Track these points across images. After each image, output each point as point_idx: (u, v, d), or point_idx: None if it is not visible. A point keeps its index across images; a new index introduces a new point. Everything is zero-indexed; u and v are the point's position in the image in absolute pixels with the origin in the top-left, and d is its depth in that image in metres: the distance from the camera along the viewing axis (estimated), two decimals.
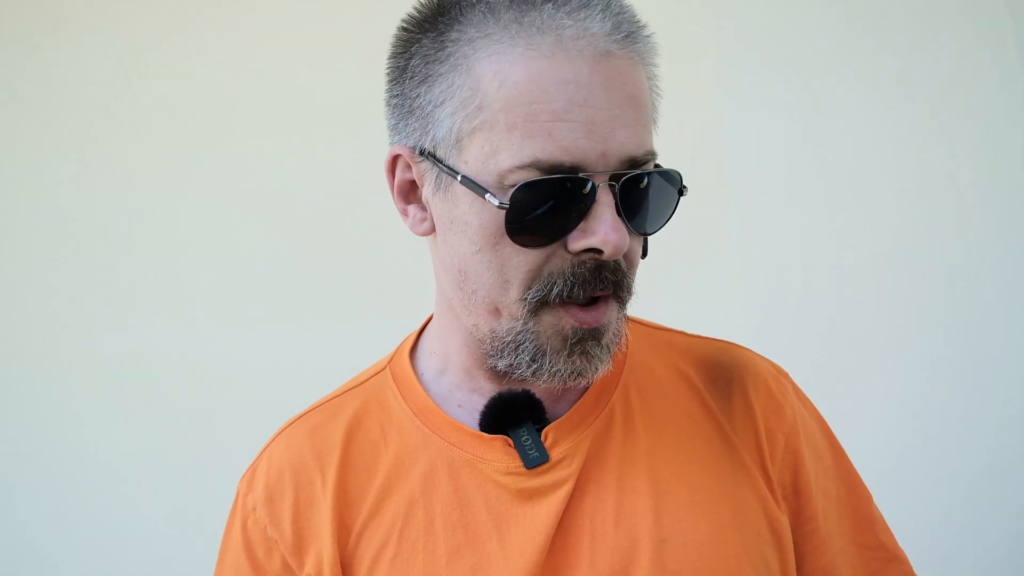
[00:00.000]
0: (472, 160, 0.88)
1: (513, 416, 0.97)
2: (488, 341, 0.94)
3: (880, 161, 2.00)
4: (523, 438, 0.96)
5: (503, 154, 0.86)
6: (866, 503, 1.09)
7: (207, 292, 2.07)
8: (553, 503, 0.95)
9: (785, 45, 2.01)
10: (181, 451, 2.04)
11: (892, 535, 1.10)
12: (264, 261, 2.08)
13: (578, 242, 0.88)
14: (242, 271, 2.08)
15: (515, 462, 0.96)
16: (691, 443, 1.00)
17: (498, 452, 0.97)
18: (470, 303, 0.93)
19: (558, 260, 0.89)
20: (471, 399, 1.00)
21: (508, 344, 0.92)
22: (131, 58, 2.08)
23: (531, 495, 0.95)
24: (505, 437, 0.97)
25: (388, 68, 0.96)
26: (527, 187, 0.86)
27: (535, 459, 0.96)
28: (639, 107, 0.89)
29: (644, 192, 0.90)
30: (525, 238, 0.88)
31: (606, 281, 0.90)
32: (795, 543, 1.03)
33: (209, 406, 2.05)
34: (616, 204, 0.87)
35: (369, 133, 1.19)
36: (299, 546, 0.99)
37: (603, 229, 0.87)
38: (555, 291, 0.89)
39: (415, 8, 0.94)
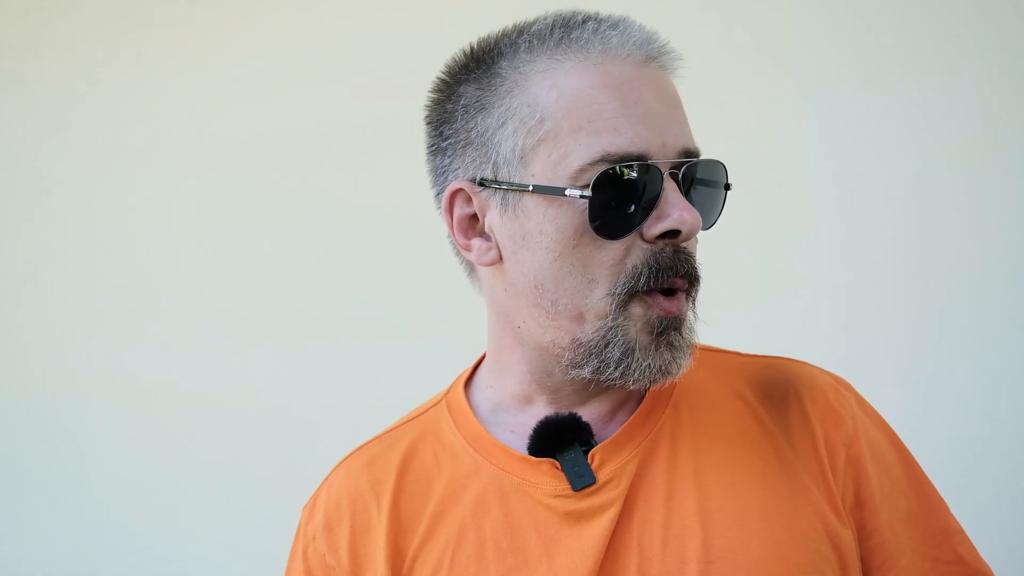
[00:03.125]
0: (540, 171, 0.94)
1: (560, 439, 0.99)
2: (570, 352, 0.96)
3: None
4: (570, 460, 0.97)
5: (572, 156, 0.92)
6: (941, 515, 1.05)
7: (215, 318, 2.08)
8: (601, 525, 0.95)
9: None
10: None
11: (973, 548, 1.06)
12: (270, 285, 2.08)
13: (654, 228, 0.93)
14: (249, 296, 2.07)
15: (562, 485, 0.97)
16: (744, 460, 0.99)
17: (545, 475, 0.98)
18: (548, 317, 0.96)
19: (638, 251, 0.94)
20: (526, 424, 1.02)
21: (595, 346, 0.95)
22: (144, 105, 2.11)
23: (579, 517, 0.96)
24: (552, 460, 0.98)
25: (432, 116, 1.02)
26: (605, 176, 0.91)
27: (582, 481, 0.96)
28: (681, 107, 0.97)
29: (699, 185, 0.95)
30: (607, 228, 0.92)
31: (685, 265, 0.95)
32: (861, 558, 1.00)
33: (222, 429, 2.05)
34: (680, 191, 0.93)
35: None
36: (355, 572, 1.01)
37: (676, 210, 0.92)
38: (642, 281, 0.93)
39: (452, 59, 1.02)
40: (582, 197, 0.91)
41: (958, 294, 1.89)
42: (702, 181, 0.96)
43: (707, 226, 0.98)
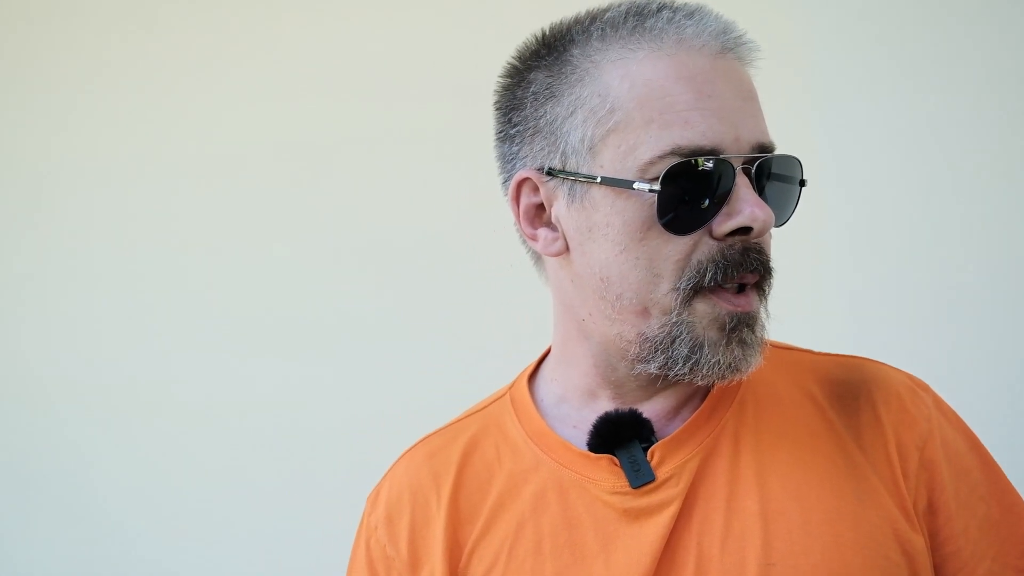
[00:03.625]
0: (608, 162, 0.92)
1: (620, 435, 0.97)
2: (636, 346, 0.95)
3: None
4: (629, 457, 0.96)
5: (642, 147, 0.90)
6: None
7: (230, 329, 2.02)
8: (659, 524, 0.94)
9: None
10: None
11: None
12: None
13: (724, 224, 0.91)
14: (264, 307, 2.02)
15: (621, 481, 0.96)
16: (810, 462, 0.96)
17: (604, 472, 0.97)
18: (614, 310, 0.95)
19: (705, 248, 0.91)
20: (588, 419, 1.00)
21: (661, 342, 0.93)
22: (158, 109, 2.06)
23: (637, 515, 0.95)
24: (611, 456, 0.97)
25: (502, 102, 1.01)
26: (675, 169, 0.89)
27: (641, 478, 0.95)
28: (756, 100, 0.94)
29: (772, 180, 0.93)
30: (675, 222, 0.90)
31: (755, 262, 0.92)
32: (935, 566, 0.96)
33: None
34: (753, 187, 0.91)
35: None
36: (414, 564, 1.02)
37: (748, 207, 0.90)
38: (708, 277, 0.91)
39: (523, 44, 1.00)
40: (651, 191, 0.89)
41: (966, 298, 1.81)
42: (777, 176, 0.94)
43: (780, 223, 0.96)
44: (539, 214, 0.99)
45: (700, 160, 0.89)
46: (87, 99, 2.06)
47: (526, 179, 0.98)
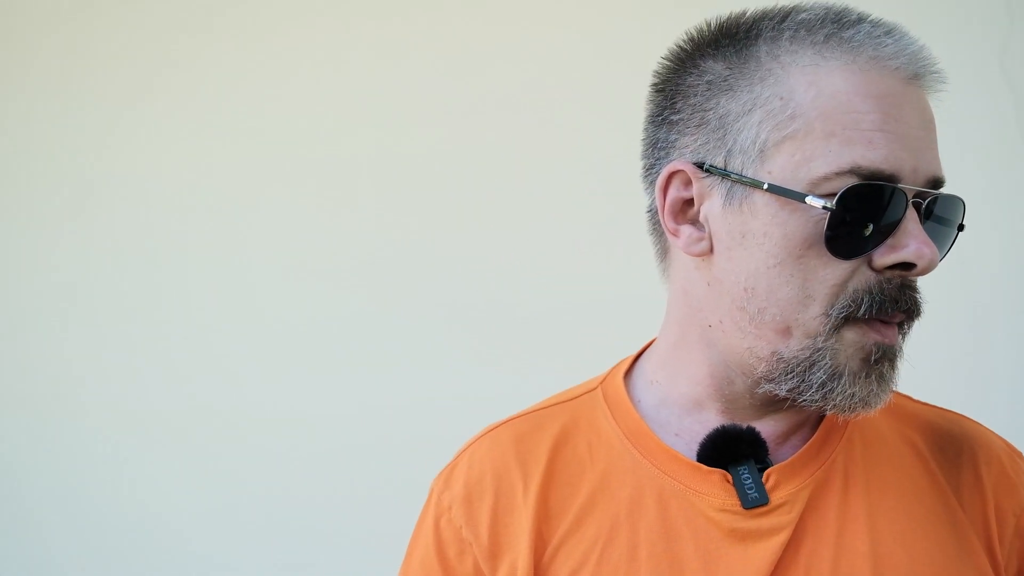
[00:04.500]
0: (779, 169, 0.87)
1: (735, 451, 0.93)
2: (766, 364, 0.90)
3: None
4: (743, 475, 0.92)
5: (818, 161, 0.85)
6: None
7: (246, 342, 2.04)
8: (769, 549, 0.90)
9: None
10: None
11: None
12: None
13: (887, 257, 0.86)
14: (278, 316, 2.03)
15: (732, 499, 0.91)
16: (915, 510, 0.94)
17: (714, 486, 0.92)
18: (751, 323, 0.90)
19: (862, 277, 0.87)
20: (692, 429, 0.96)
21: (798, 365, 0.88)
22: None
23: (744, 537, 0.90)
24: (724, 472, 0.93)
25: (666, 86, 0.96)
26: (854, 190, 0.84)
27: (754, 500, 0.91)
28: (935, 133, 0.90)
29: (934, 220, 0.89)
30: (839, 245, 0.85)
31: (910, 301, 0.88)
32: None
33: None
34: (921, 221, 0.87)
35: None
36: (494, 552, 0.95)
37: (915, 243, 0.86)
38: (863, 308, 0.87)
39: (695, 30, 0.95)
40: (824, 208, 0.85)
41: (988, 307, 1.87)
42: (938, 217, 0.90)
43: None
44: (685, 209, 0.94)
45: (879, 186, 0.85)
46: (136, 109, 2.04)
47: (679, 171, 0.93)
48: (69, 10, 2.04)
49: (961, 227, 0.93)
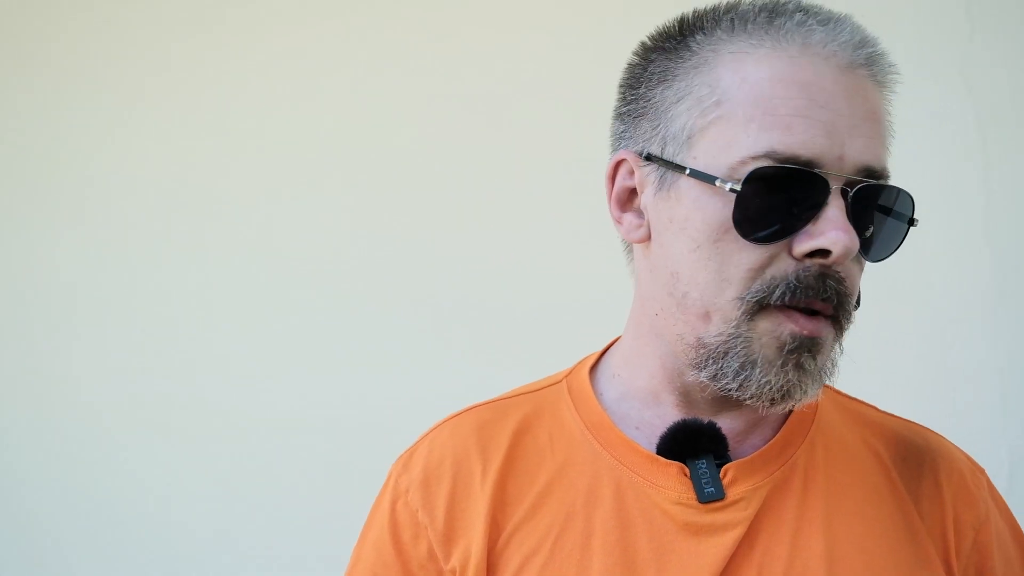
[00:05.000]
0: (702, 154, 0.87)
1: (694, 445, 0.92)
2: (693, 351, 0.89)
3: None
4: (701, 469, 0.91)
5: (737, 145, 0.85)
6: None
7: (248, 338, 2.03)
8: (722, 544, 0.89)
9: None
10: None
11: None
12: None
13: (804, 244, 0.85)
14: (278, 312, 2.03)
15: (688, 493, 0.91)
16: (874, 517, 0.93)
17: (671, 479, 0.92)
18: (679, 309, 0.90)
19: (781, 264, 0.86)
20: (651, 423, 0.95)
21: (715, 350, 0.87)
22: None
23: (697, 531, 0.90)
24: (682, 465, 0.92)
25: (623, 80, 0.97)
26: (761, 172, 0.84)
27: (710, 494, 0.90)
28: (878, 123, 0.88)
29: (874, 211, 0.87)
30: (751, 229, 0.85)
31: (830, 290, 0.86)
32: None
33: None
34: (847, 211, 0.85)
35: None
36: (449, 536, 0.95)
37: (833, 230, 0.84)
38: (776, 294, 0.85)
39: (663, 24, 0.96)
40: (731, 190, 0.85)
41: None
42: (883, 208, 0.88)
43: (879, 258, 0.90)
44: (630, 199, 0.95)
45: (790, 171, 0.83)
46: (136, 109, 2.04)
47: (623, 161, 0.94)
48: (69, 10, 2.06)
49: (912, 222, 0.91)
